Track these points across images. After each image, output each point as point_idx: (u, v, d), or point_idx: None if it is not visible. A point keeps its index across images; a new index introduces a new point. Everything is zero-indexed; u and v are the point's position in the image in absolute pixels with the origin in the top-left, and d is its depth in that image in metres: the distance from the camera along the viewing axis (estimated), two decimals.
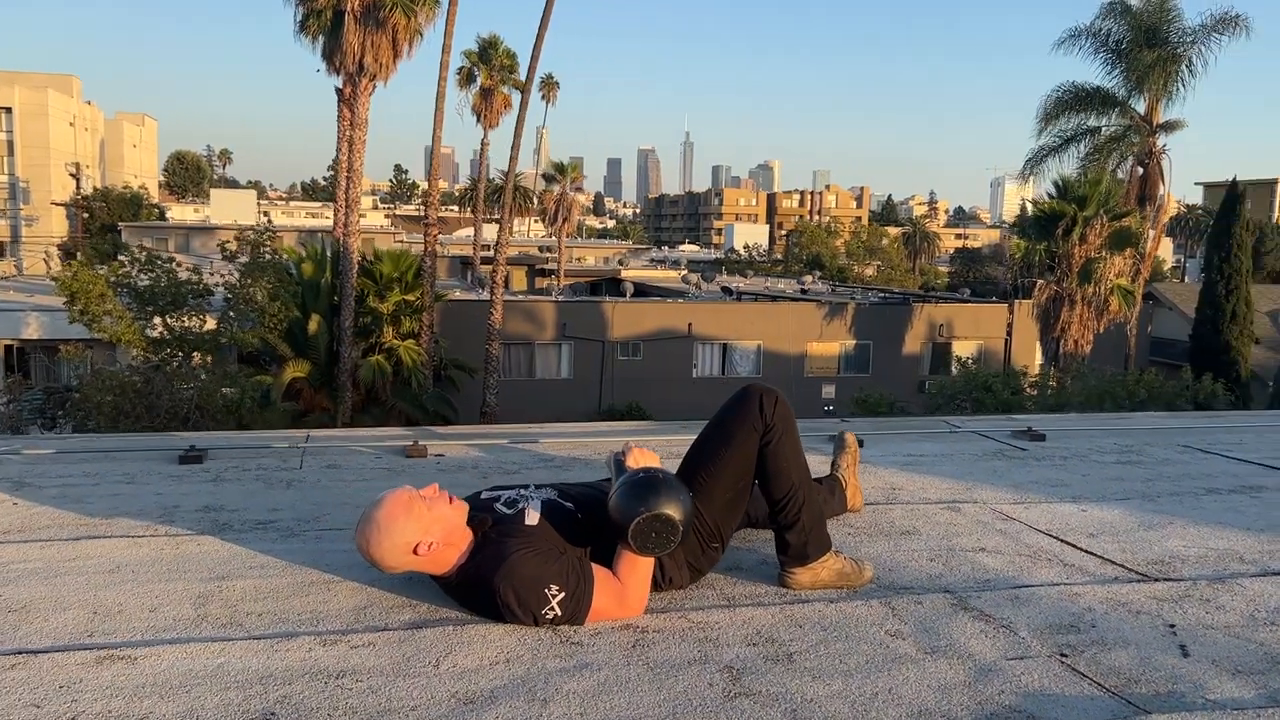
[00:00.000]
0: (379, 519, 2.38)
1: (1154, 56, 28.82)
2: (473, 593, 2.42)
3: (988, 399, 21.33)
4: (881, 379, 28.79)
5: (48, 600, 2.51)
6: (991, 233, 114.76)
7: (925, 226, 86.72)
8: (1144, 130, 29.51)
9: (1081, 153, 30.31)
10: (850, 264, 57.54)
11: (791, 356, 29.97)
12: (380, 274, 25.76)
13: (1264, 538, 3.25)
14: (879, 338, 30.37)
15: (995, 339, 30.65)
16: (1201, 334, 29.76)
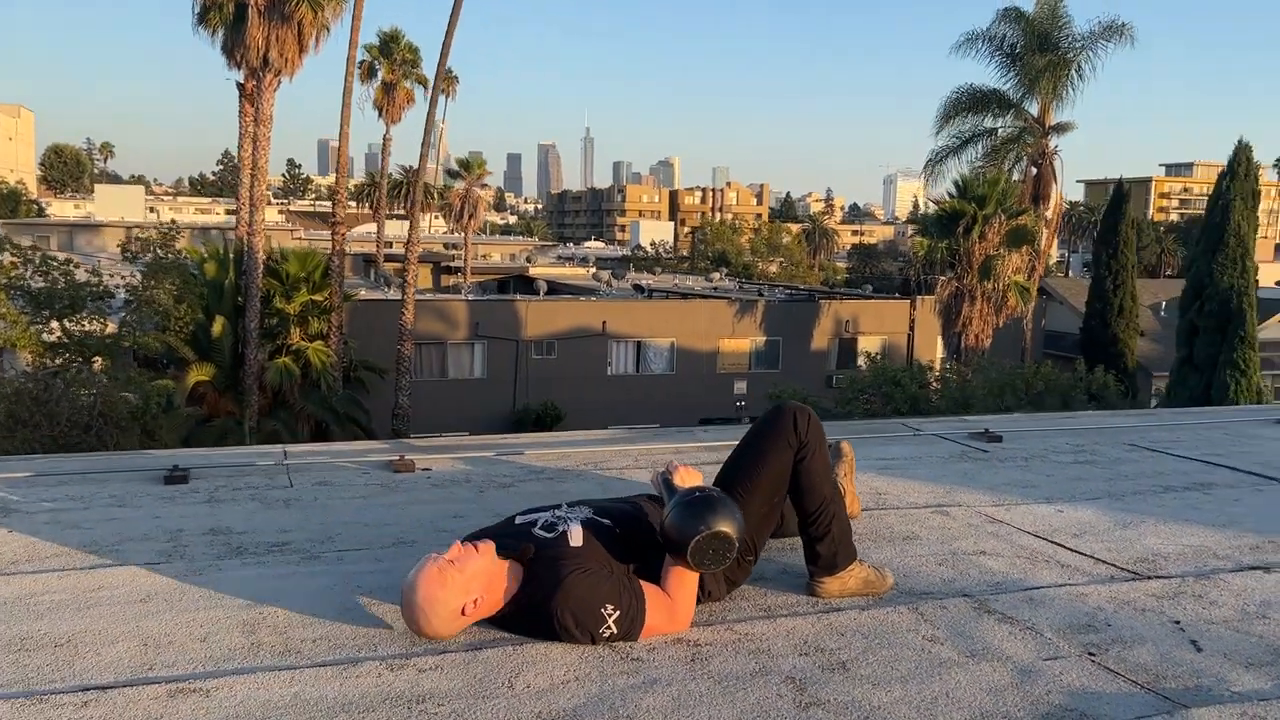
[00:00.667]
0: (419, 602, 2.39)
1: (1046, 61, 29.99)
2: (529, 619, 2.47)
3: (896, 393, 21.97)
4: (791, 374, 29.32)
5: (90, 633, 2.48)
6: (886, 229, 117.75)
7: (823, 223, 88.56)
8: (1037, 132, 30.69)
9: (979, 153, 31.39)
10: (755, 261, 58.44)
11: (704, 353, 30.34)
12: (286, 274, 25.19)
13: (1228, 533, 3.51)
14: (788, 334, 30.97)
15: (899, 334, 31.54)
16: (1091, 327, 31.12)
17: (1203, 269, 18.93)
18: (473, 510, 3.67)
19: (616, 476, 4.24)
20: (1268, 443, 5.17)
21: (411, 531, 3.40)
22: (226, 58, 25.18)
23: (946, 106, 31.33)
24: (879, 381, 22.26)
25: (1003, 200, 27.13)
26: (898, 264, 78.40)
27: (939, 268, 27.90)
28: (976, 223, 26.46)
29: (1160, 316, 35.24)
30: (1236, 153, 18.99)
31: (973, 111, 31.39)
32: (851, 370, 30.14)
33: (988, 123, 31.35)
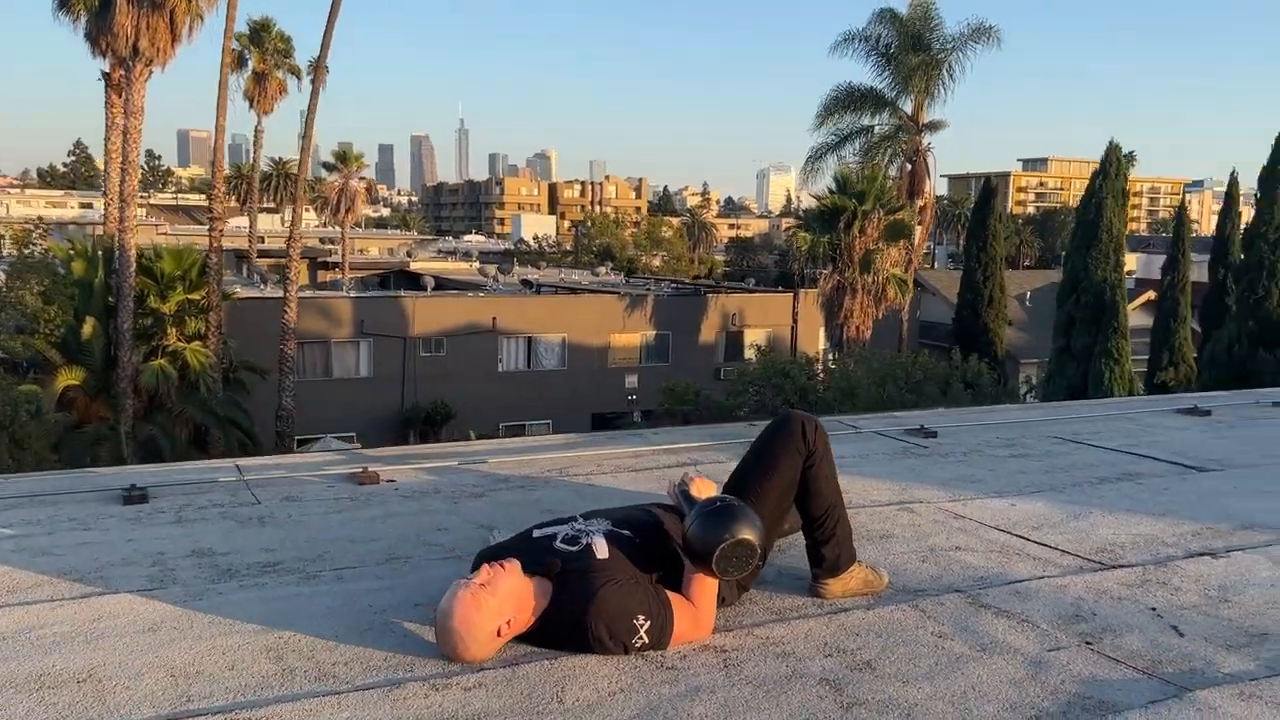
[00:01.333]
0: (457, 629, 2.41)
1: (919, 61, 31.11)
2: (561, 633, 2.51)
3: (786, 384, 22.52)
4: (681, 368, 29.72)
5: (110, 666, 2.42)
6: (761, 223, 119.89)
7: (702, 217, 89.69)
8: (911, 129, 31.82)
9: (857, 150, 32.35)
10: (639, 255, 58.83)
11: (595, 348, 30.44)
12: (161, 272, 24.25)
13: (1169, 522, 3.78)
14: (677, 328, 31.34)
15: (783, 326, 32.25)
16: (963, 317, 32.41)
17: (1078, 263, 19.98)
18: (454, 522, 3.68)
19: (585, 483, 4.29)
20: (1176, 433, 5.55)
21: (399, 546, 3.38)
22: (91, 45, 23.98)
23: (826, 104, 32.21)
24: (769, 374, 22.76)
25: (881, 196, 28.02)
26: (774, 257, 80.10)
27: (821, 262, 28.62)
28: (856, 218, 27.26)
29: (1025, 306, 36.95)
30: (1108, 153, 20.12)
31: (850, 109, 32.34)
32: (739, 363, 30.69)
33: (865, 120, 32.38)
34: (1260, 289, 17.09)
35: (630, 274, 46.99)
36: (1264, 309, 16.99)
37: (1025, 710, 2.24)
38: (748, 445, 4.96)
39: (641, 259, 57.89)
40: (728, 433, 5.39)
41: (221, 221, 25.58)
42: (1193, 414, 6.03)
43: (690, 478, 2.84)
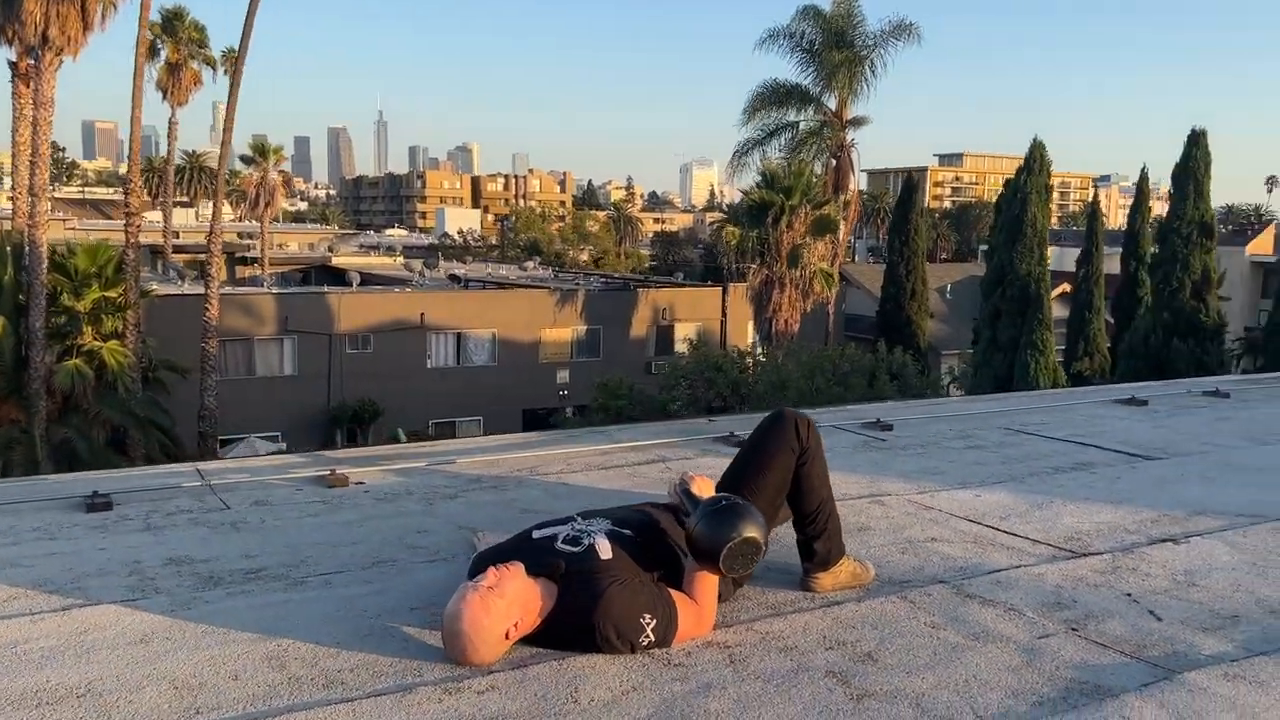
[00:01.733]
0: (466, 632, 2.40)
1: (842, 58, 31.56)
2: (568, 634, 2.52)
3: (719, 378, 22.73)
4: (612, 362, 29.72)
5: (107, 679, 2.36)
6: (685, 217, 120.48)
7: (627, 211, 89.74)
8: (836, 125, 32.29)
9: (783, 145, 32.72)
10: (566, 249, 58.65)
11: (526, 343, 30.31)
12: (75, 269, 23.44)
13: (1127, 510, 3.93)
14: (608, 322, 31.36)
15: (712, 320, 32.49)
16: (887, 310, 33.08)
17: (1004, 257, 20.52)
18: (433, 524, 3.65)
19: (558, 481, 4.30)
20: (1117, 422, 5.75)
21: (383, 550, 3.35)
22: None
23: (752, 100, 32.53)
24: (701, 368, 22.93)
25: (807, 191, 28.42)
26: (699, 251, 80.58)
27: (750, 256, 28.89)
28: (784, 213, 27.60)
29: (946, 299, 37.80)
30: (1032, 150, 20.68)
31: (776, 105, 32.71)
32: (670, 357, 30.83)
33: (790, 116, 32.77)
34: (1174, 281, 17.76)
35: (559, 269, 46.86)
36: (1178, 301, 17.67)
37: (1027, 697, 2.32)
38: (711, 441, 5.05)
39: (569, 253, 57.76)
40: (691, 429, 5.44)
41: (138, 216, 24.84)
42: (1131, 404, 6.25)
43: (690, 476, 2.87)
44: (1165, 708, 2.27)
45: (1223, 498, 4.11)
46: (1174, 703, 2.29)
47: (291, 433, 27.00)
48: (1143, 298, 28.86)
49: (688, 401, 23.08)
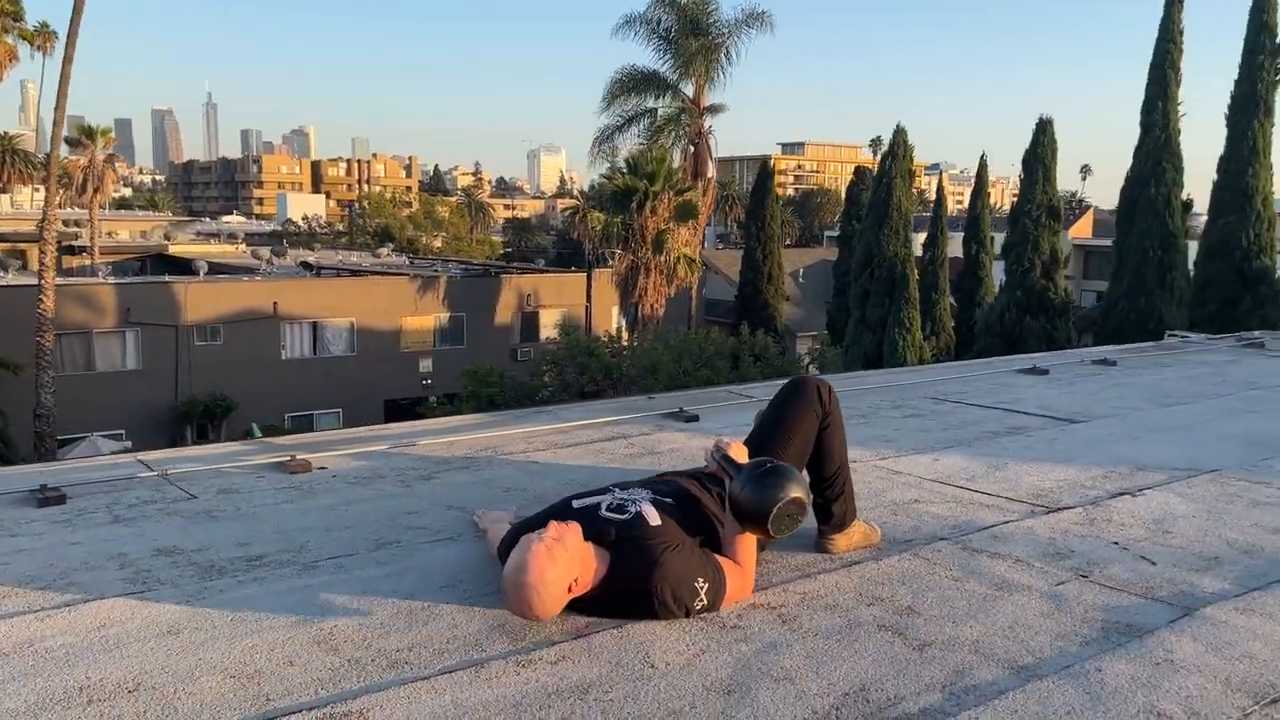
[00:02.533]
0: (533, 582, 2.38)
1: (698, 45, 31.98)
2: (622, 599, 2.53)
3: (591, 363, 22.77)
4: (477, 350, 29.35)
5: (155, 673, 2.23)
6: (536, 203, 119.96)
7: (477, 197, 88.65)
8: (693, 112, 32.70)
9: (642, 131, 32.95)
10: (418, 235, 57.44)
11: (387, 332, 29.60)
12: None
13: (1075, 468, 4.18)
14: (471, 309, 30.94)
15: (577, 306, 32.49)
16: (745, 294, 33.84)
17: (871, 240, 21.27)
18: (422, 505, 3.57)
19: (528, 460, 4.26)
20: (1029, 389, 6.09)
21: (382, 532, 3.26)
22: None
23: (611, 86, 32.59)
24: (573, 353, 22.93)
25: (670, 178, 28.73)
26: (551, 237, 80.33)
27: (614, 242, 29.02)
28: (648, 198, 27.84)
29: (799, 283, 38.92)
30: (895, 136, 21.49)
31: (635, 92, 32.86)
32: (536, 343, 30.71)
33: (649, 103, 32.99)
34: (1025, 261, 18.84)
35: (414, 255, 45.88)
36: (1029, 280, 18.76)
37: (1072, 638, 2.46)
38: (661, 417, 5.09)
39: (422, 240, 56.61)
40: (633, 407, 5.47)
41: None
42: (1034, 373, 6.62)
43: (727, 442, 2.90)
44: (1198, 640, 2.45)
45: (1153, 454, 4.42)
46: (1204, 635, 2.48)
47: (137, 431, 25.58)
48: (984, 279, 30.49)
49: (560, 387, 23.07)
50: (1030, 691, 2.18)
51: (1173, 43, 18.63)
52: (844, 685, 2.22)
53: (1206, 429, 5.01)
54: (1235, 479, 4.01)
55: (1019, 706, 2.11)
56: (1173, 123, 18.53)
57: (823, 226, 78.71)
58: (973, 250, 30.81)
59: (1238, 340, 8.65)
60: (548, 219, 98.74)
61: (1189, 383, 6.41)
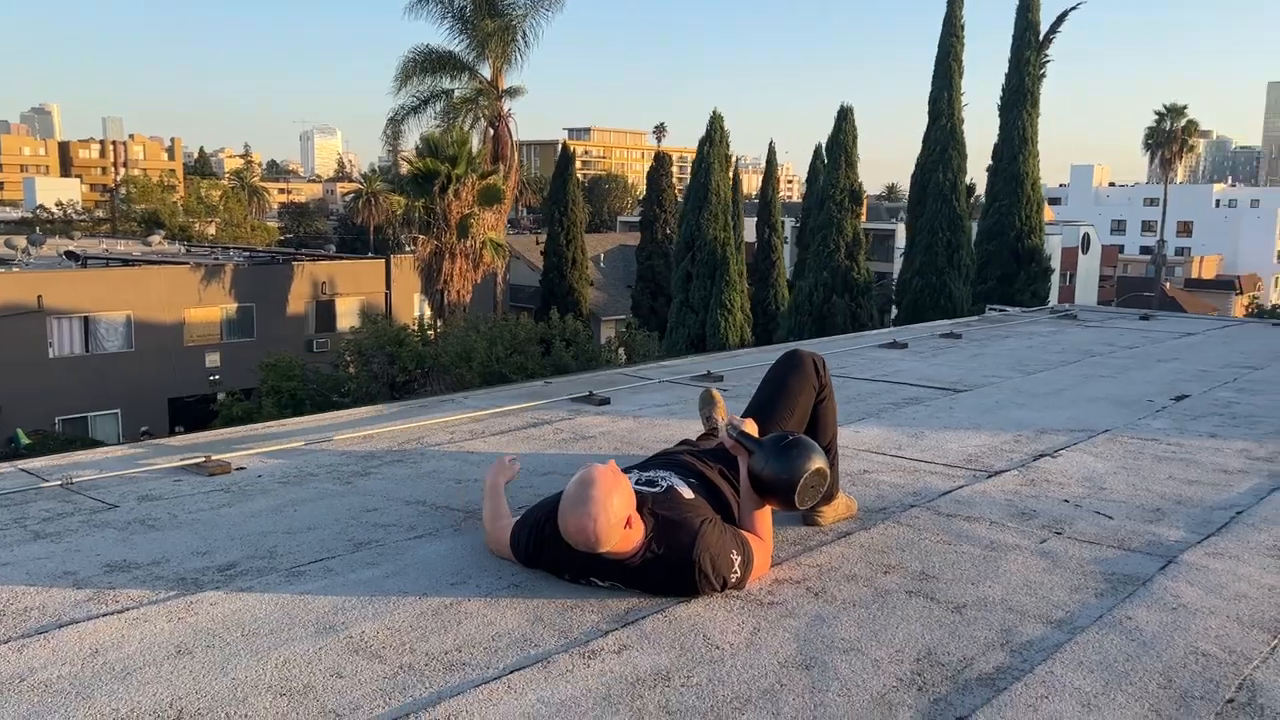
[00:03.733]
0: (598, 497, 2.37)
1: (494, 25, 31.53)
2: (663, 570, 2.49)
3: (401, 352, 22.16)
4: (269, 342, 27.88)
5: (191, 696, 2.01)
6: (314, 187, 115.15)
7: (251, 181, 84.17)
8: (492, 94, 32.23)
9: (438, 113, 32.19)
10: (191, 222, 53.83)
11: (168, 325, 27.65)
12: None
13: (986, 434, 4.43)
14: (261, 299, 29.37)
15: (376, 294, 31.47)
16: (551, 279, 33.74)
17: (692, 223, 21.63)
18: (379, 503, 3.38)
19: (460, 450, 4.10)
20: (899, 363, 6.39)
21: (351, 532, 3.07)
22: None
23: (404, 66, 31.60)
24: (381, 342, 22.22)
25: (473, 160, 28.20)
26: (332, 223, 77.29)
27: (416, 226, 28.27)
28: (451, 182, 27.21)
29: (600, 268, 39.22)
30: (712, 122, 21.93)
31: (430, 72, 32.03)
32: (332, 333, 29.54)
33: (445, 84, 32.25)
34: (831, 244, 19.74)
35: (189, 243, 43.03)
36: (834, 262, 19.67)
37: (1086, 591, 2.61)
38: (572, 401, 5.03)
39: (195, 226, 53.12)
40: (538, 393, 5.36)
41: None
42: (895, 347, 6.96)
43: (738, 419, 2.88)
44: (1194, 585, 2.65)
45: (1046, 418, 4.74)
46: (1196, 580, 2.69)
47: None
48: (776, 261, 31.74)
49: (367, 379, 22.34)
50: (1083, 643, 2.30)
51: (955, 37, 20.01)
52: (910, 652, 2.26)
53: (1076, 392, 5.42)
54: (1128, 438, 4.36)
55: (1082, 656, 2.22)
56: (957, 112, 19.90)
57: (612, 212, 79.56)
58: (765, 234, 32.03)
59: (1052, 313, 9.41)
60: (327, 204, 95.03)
61: (1034, 351, 6.91)
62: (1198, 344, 7.49)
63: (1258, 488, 3.60)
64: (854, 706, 2.01)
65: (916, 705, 2.02)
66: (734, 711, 1.99)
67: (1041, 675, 2.14)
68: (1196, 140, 65.15)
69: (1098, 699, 2.04)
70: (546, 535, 2.59)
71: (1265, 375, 6.04)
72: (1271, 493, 3.53)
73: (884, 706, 2.01)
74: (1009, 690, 2.07)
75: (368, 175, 75.67)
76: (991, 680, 2.12)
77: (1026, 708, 2.00)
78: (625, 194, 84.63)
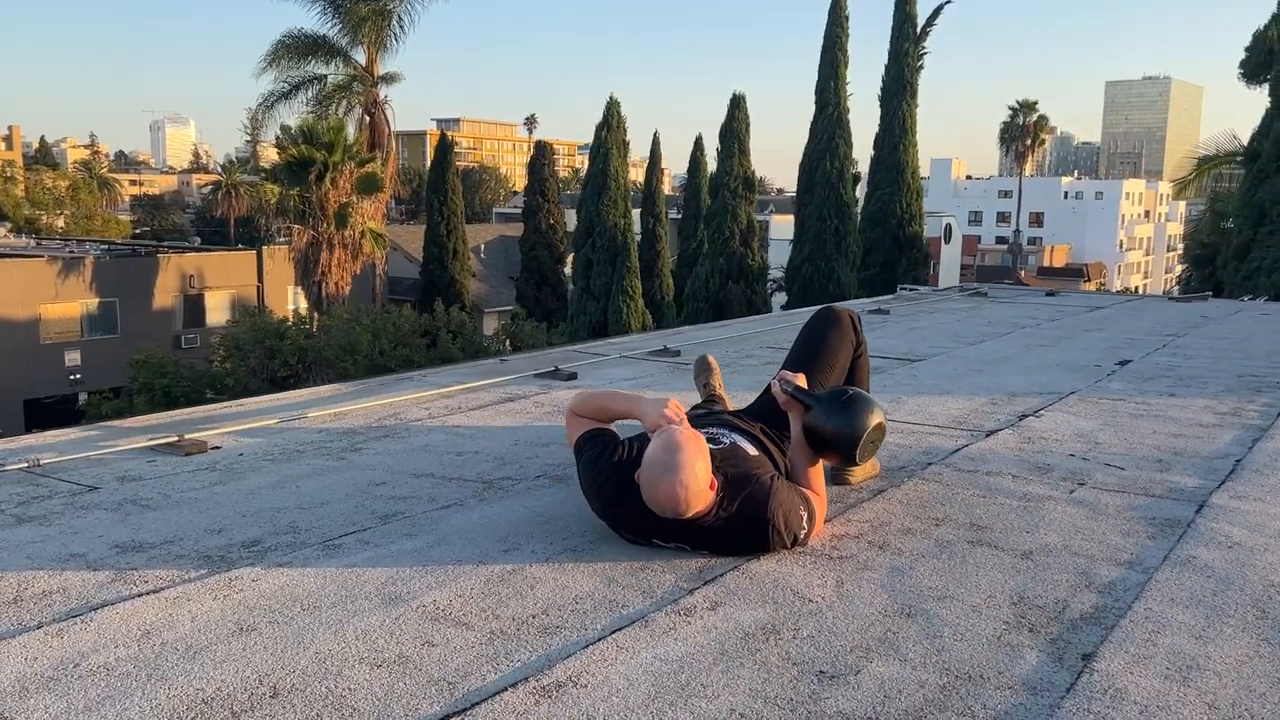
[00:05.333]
0: (687, 462, 2.30)
1: (368, 10, 30.68)
2: (738, 529, 2.42)
3: (283, 345, 21.37)
4: (133, 338, 26.51)
5: (282, 674, 1.83)
6: (168, 179, 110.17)
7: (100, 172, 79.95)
8: (367, 81, 31.36)
9: (310, 99, 31.13)
10: (39, 214, 50.63)
11: (22, 322, 25.96)
12: None
13: (961, 399, 4.50)
14: (124, 293, 27.86)
15: (248, 287, 30.27)
16: (431, 270, 33.05)
17: (591, 210, 21.43)
18: (385, 476, 3.20)
19: (445, 425, 3.94)
20: None
21: (371, 504, 2.90)
22: None
23: (274, 49, 30.42)
24: (260, 336, 21.37)
25: (349, 148, 27.39)
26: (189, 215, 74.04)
27: (291, 216, 27.29)
28: (328, 170, 26.37)
29: (481, 259, 38.69)
30: (609, 108, 21.77)
31: (301, 56, 30.96)
32: (202, 328, 28.30)
33: (318, 69, 31.21)
34: (726, 231, 19.90)
35: (37, 236, 40.51)
36: (729, 248, 19.84)
37: (1138, 535, 2.65)
38: (536, 377, 4.91)
39: (43, 219, 50.01)
40: (490, 370, 5.21)
41: None
42: None
43: (790, 375, 2.81)
44: (1235, 524, 2.73)
45: (1008, 384, 4.85)
46: (1235, 519, 2.76)
47: None
48: (661, 250, 31.89)
49: (246, 374, 21.45)
50: (1161, 581, 2.32)
51: (840, 28, 20.43)
52: (1002, 597, 2.24)
53: (1025, 360, 5.57)
54: (1096, 399, 4.49)
55: (1171, 594, 2.25)
56: (843, 101, 20.33)
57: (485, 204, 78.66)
58: (649, 224, 32.14)
59: (962, 291, 9.69)
60: (183, 196, 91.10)
61: (964, 325, 7.09)
62: (1111, 316, 7.82)
63: (1240, 438, 3.75)
64: (976, 650, 1.97)
65: (1037, 645, 1.99)
66: (860, 660, 1.93)
67: (1142, 612, 2.15)
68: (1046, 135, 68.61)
69: (1206, 631, 2.06)
70: (609, 495, 2.48)
71: (1189, 342, 6.34)
72: (1256, 442, 3.68)
73: (1007, 649, 1.98)
74: (1119, 627, 2.07)
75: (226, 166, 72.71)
76: (1097, 618, 2.12)
77: (1144, 642, 2.00)
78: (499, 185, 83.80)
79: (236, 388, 21.01)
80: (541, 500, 2.93)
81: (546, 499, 2.94)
